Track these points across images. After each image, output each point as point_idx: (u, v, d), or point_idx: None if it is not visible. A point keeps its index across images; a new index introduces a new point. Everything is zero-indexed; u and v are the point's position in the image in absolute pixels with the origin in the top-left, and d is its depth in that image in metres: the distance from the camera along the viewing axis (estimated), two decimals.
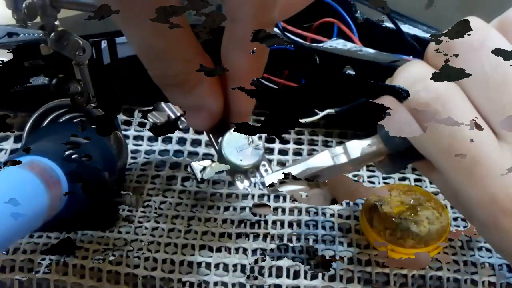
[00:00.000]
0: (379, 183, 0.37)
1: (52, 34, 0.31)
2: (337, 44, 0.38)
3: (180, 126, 0.32)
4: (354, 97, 0.36)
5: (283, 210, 0.35)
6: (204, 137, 0.39)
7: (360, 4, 0.45)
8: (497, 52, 0.21)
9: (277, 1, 0.23)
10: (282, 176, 0.27)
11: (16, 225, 0.21)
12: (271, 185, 0.27)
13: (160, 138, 0.39)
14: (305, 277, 0.31)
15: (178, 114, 0.30)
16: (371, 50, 0.37)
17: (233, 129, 0.26)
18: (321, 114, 0.37)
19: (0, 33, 0.33)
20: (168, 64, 0.23)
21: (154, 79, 0.24)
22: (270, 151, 0.39)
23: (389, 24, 0.43)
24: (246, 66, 0.25)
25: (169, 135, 0.39)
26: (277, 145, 0.39)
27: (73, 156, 0.27)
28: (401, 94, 0.24)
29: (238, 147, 0.26)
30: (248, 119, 0.27)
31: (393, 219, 0.32)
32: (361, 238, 0.33)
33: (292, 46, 0.38)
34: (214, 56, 0.25)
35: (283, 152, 0.39)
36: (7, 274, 0.31)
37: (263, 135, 0.28)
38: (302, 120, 0.38)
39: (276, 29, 0.38)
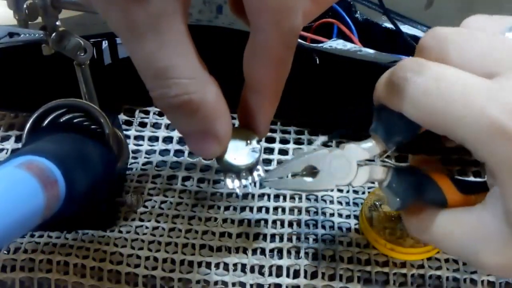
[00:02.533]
0: None
1: (54, 34, 0.32)
2: (337, 44, 0.38)
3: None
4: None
5: (283, 210, 0.35)
6: None
7: (359, 5, 0.45)
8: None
9: (298, 4, 0.22)
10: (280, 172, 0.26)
11: (9, 225, 0.21)
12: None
13: (160, 138, 0.39)
14: (305, 276, 0.31)
15: None
16: (371, 51, 0.38)
17: (235, 128, 0.26)
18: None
19: (1, 33, 0.33)
20: (171, 82, 0.22)
21: (155, 102, 0.23)
22: (270, 151, 0.39)
23: (389, 25, 0.43)
24: (269, 77, 0.24)
25: (170, 134, 0.40)
26: (277, 145, 0.39)
27: (72, 156, 0.27)
28: None
29: (235, 146, 0.26)
30: (268, 129, 0.27)
31: (393, 218, 0.32)
32: (360, 237, 0.33)
33: None
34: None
35: (283, 152, 0.39)
36: (8, 273, 0.31)
37: (262, 139, 0.27)
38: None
39: None
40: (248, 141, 0.26)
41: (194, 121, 0.23)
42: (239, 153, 0.26)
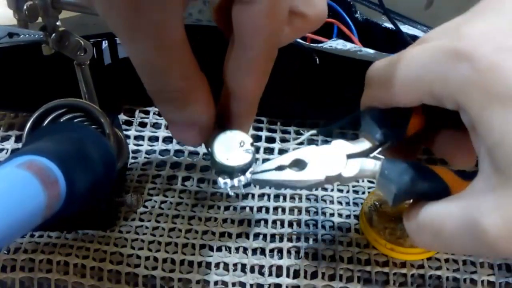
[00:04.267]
0: None
1: (54, 34, 0.32)
2: (337, 44, 0.38)
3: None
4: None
5: (283, 210, 0.35)
6: None
7: (359, 5, 0.46)
8: None
9: (283, 28, 0.24)
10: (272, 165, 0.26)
11: (10, 225, 0.21)
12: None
13: (160, 138, 0.39)
14: (305, 276, 0.31)
15: None
16: (371, 51, 0.38)
17: (229, 130, 0.26)
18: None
19: (1, 33, 0.33)
20: (167, 81, 0.23)
21: (149, 93, 0.24)
22: (270, 151, 0.39)
23: (389, 25, 0.43)
24: (254, 88, 0.26)
25: (170, 134, 0.39)
26: (277, 145, 0.39)
27: (72, 156, 0.27)
28: None
29: (229, 147, 0.26)
30: (249, 131, 0.28)
31: (393, 218, 0.32)
32: (360, 237, 0.33)
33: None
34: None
35: (283, 152, 0.39)
36: (8, 273, 0.31)
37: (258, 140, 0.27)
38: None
39: None
40: (242, 143, 0.27)
41: (183, 113, 0.25)
42: (232, 154, 0.26)
